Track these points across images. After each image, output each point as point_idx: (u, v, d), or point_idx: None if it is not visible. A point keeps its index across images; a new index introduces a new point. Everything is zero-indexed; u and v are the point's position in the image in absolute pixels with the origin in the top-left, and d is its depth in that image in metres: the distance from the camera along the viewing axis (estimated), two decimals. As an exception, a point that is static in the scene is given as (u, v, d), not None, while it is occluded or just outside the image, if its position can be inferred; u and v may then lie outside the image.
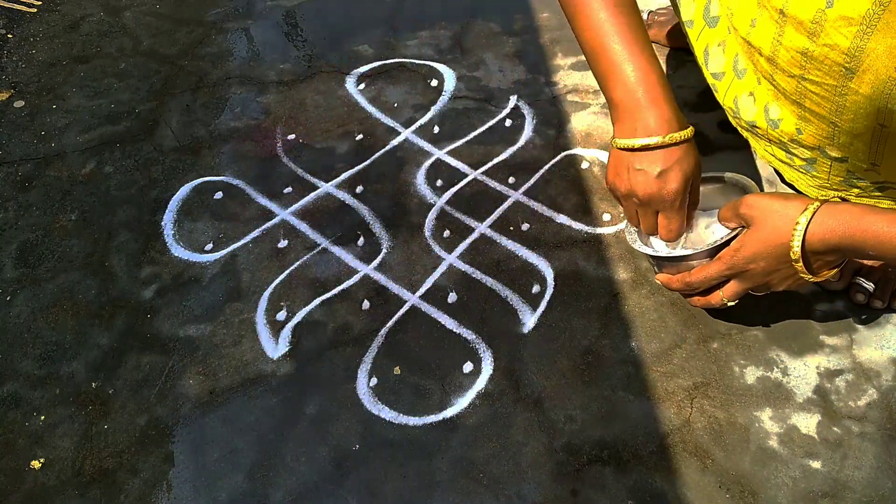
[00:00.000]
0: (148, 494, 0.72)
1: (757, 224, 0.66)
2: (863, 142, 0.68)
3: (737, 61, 0.78)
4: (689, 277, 0.72)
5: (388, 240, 0.94)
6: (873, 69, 0.61)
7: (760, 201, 0.67)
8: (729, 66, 0.80)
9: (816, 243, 0.63)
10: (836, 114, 0.66)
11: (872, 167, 0.71)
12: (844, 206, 0.63)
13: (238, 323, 0.86)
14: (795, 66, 0.66)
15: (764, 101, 0.76)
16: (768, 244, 0.65)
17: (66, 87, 1.20)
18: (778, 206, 0.65)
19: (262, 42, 1.28)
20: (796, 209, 0.64)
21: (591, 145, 1.04)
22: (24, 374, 0.83)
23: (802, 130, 0.72)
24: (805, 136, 0.72)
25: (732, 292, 0.71)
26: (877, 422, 0.73)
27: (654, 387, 0.77)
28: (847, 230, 0.62)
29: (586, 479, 0.71)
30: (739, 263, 0.68)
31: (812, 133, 0.71)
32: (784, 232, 0.64)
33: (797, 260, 0.64)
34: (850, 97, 0.64)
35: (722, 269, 0.69)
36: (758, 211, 0.66)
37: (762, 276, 0.68)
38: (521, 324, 0.83)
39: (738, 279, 0.70)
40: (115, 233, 0.97)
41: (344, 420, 0.76)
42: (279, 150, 1.07)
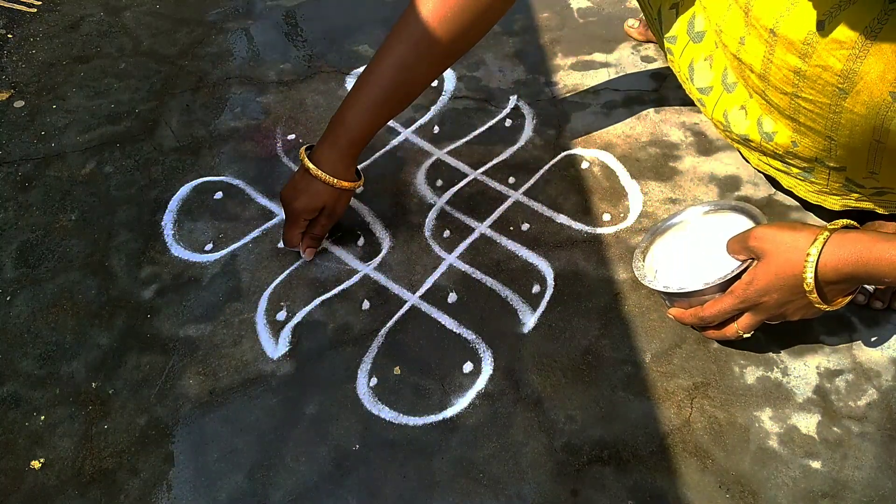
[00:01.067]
0: (148, 494, 0.72)
1: (768, 256, 0.66)
2: (860, 155, 0.68)
3: (726, 75, 0.78)
4: (702, 312, 0.72)
5: (388, 240, 0.94)
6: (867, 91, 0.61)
7: (769, 233, 0.66)
8: (717, 81, 0.79)
9: (829, 273, 0.63)
10: (832, 130, 0.66)
11: (871, 175, 0.71)
12: (854, 234, 0.63)
13: (238, 323, 0.86)
14: (788, 84, 0.66)
15: (757, 115, 0.75)
16: (780, 276, 0.65)
17: (66, 87, 1.20)
18: (787, 238, 0.65)
19: (262, 42, 1.28)
20: (806, 240, 0.63)
21: (592, 145, 1.04)
22: (24, 374, 0.83)
23: (798, 143, 0.72)
24: (801, 148, 0.72)
25: (747, 325, 0.71)
26: (877, 422, 0.73)
27: (654, 387, 0.77)
28: (860, 259, 0.61)
29: (586, 479, 0.71)
30: (752, 297, 0.67)
31: (808, 146, 0.71)
32: (796, 263, 0.63)
33: (811, 291, 0.64)
34: (844, 115, 0.64)
35: (735, 302, 0.69)
36: (767, 243, 0.66)
37: (776, 307, 0.68)
38: (521, 324, 0.83)
39: (753, 312, 0.69)
40: (115, 233, 0.97)
41: (344, 420, 0.76)
42: (279, 150, 1.07)
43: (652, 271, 0.79)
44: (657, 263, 0.79)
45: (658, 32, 0.88)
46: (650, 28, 0.90)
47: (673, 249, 0.80)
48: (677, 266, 0.78)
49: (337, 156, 0.83)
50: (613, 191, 0.97)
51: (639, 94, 1.11)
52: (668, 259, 0.79)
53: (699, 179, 0.97)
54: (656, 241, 0.81)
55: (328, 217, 0.86)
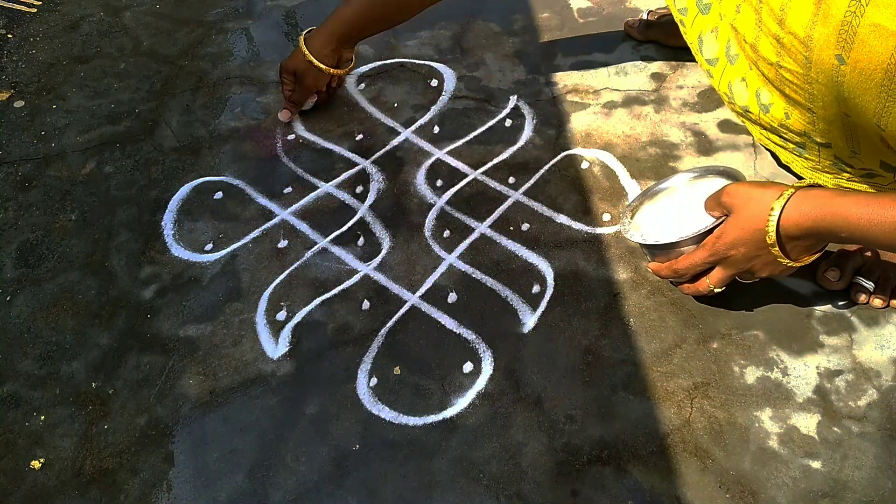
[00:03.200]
0: (148, 494, 0.72)
1: (736, 211, 0.69)
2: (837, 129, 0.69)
3: (729, 47, 0.79)
4: (676, 265, 0.75)
5: (388, 240, 0.94)
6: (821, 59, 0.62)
7: (740, 189, 0.69)
8: (722, 52, 0.81)
9: (791, 228, 0.65)
10: (811, 101, 0.67)
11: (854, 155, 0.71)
12: (818, 190, 0.65)
13: (238, 323, 0.86)
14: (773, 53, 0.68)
15: (756, 86, 0.76)
16: (746, 230, 0.68)
17: (66, 87, 1.20)
18: (756, 194, 0.67)
19: (262, 42, 1.28)
20: (772, 196, 0.66)
21: (591, 145, 1.04)
22: (24, 374, 0.83)
23: (790, 115, 0.73)
24: (792, 120, 0.73)
25: (718, 279, 0.74)
26: (877, 422, 0.73)
27: (654, 387, 0.77)
28: (819, 213, 0.63)
29: (586, 479, 0.71)
30: (721, 250, 0.70)
31: (797, 119, 0.72)
32: (760, 218, 0.66)
33: (773, 245, 0.66)
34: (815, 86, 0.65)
35: (705, 255, 0.72)
36: (737, 199, 0.69)
37: (744, 262, 0.70)
38: (521, 324, 0.83)
39: (722, 266, 0.72)
40: (115, 233, 0.97)
41: (344, 420, 0.76)
42: (279, 150, 1.07)
43: (638, 229, 0.81)
44: (643, 222, 0.82)
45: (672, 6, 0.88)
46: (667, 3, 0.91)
47: (660, 210, 0.83)
48: (662, 225, 0.80)
49: (321, 38, 1.01)
50: (613, 191, 0.97)
51: (639, 94, 1.11)
52: (654, 219, 0.82)
53: (699, 179, 0.97)
54: (645, 203, 0.84)
55: (298, 84, 1.05)
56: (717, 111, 1.07)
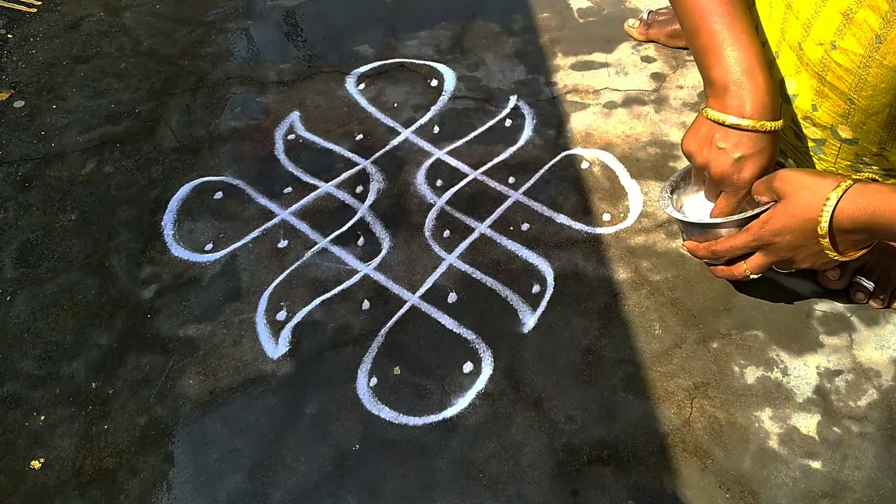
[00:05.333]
0: (148, 494, 0.72)
1: (788, 198, 0.66)
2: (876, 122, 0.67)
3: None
4: (715, 246, 0.73)
5: (388, 240, 0.94)
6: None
7: (794, 175, 0.66)
8: None
9: (845, 221, 0.63)
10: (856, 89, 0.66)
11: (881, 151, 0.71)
12: (876, 185, 0.63)
13: (238, 323, 0.86)
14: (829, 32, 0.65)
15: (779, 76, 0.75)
16: (797, 218, 0.66)
17: (66, 87, 1.20)
18: (810, 182, 0.65)
19: (262, 42, 1.28)
20: (828, 186, 0.64)
21: (591, 145, 1.04)
22: (24, 374, 0.83)
23: (818, 107, 0.71)
24: (820, 112, 0.72)
25: (756, 265, 0.71)
26: (877, 422, 0.73)
27: (654, 387, 0.77)
28: (876, 209, 0.61)
29: (586, 479, 0.71)
30: (766, 236, 0.68)
31: (827, 110, 0.71)
32: (814, 207, 0.64)
33: (824, 236, 0.64)
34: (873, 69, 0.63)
35: (748, 240, 0.70)
36: (790, 185, 0.66)
37: (788, 250, 0.68)
38: (521, 324, 0.83)
39: (764, 252, 0.70)
40: (115, 233, 0.97)
41: (344, 420, 0.76)
42: (279, 150, 1.07)
43: (677, 205, 0.79)
44: (684, 198, 0.80)
45: None
46: None
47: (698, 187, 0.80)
48: (703, 203, 0.78)
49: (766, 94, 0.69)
50: (613, 191, 0.97)
51: (639, 94, 1.11)
52: (694, 196, 0.80)
53: (699, 179, 0.97)
54: (687, 179, 0.81)
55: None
56: (717, 111, 1.07)
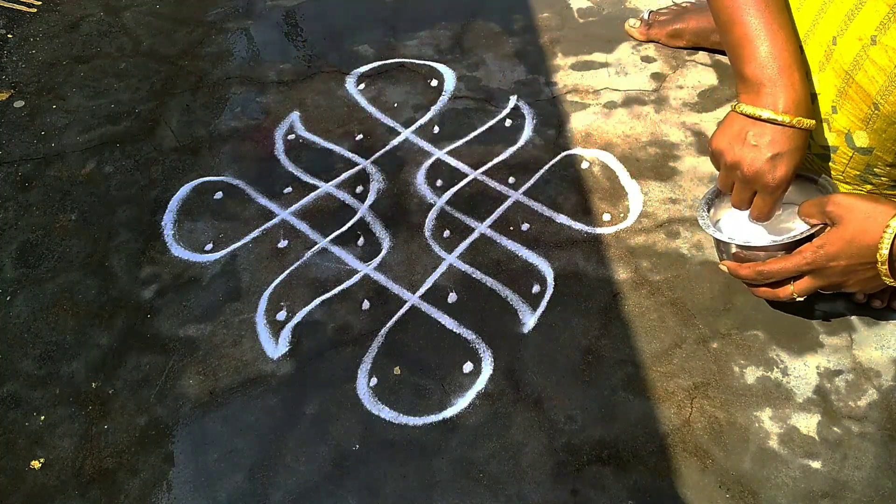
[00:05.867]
0: (148, 494, 0.72)
1: (844, 223, 0.66)
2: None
3: None
4: (763, 267, 0.71)
5: (388, 240, 0.94)
6: None
7: (849, 200, 0.66)
8: None
9: None
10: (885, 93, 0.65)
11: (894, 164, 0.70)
12: None
13: (238, 323, 0.86)
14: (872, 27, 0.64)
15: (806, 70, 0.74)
16: (854, 244, 0.65)
17: (66, 87, 1.20)
18: (866, 208, 0.65)
19: (262, 42, 1.28)
20: (886, 213, 0.63)
21: (591, 145, 1.04)
22: (24, 374, 0.83)
23: (838, 108, 0.71)
24: (839, 115, 0.71)
25: (805, 288, 0.70)
26: (877, 422, 0.73)
27: (654, 387, 0.77)
28: None
29: (586, 479, 0.71)
30: (820, 260, 0.67)
31: (847, 113, 0.70)
32: (873, 234, 0.64)
33: (884, 263, 0.64)
34: None
35: (801, 263, 0.69)
36: (845, 210, 0.66)
37: (840, 275, 0.68)
38: (521, 324, 0.83)
39: (815, 275, 0.69)
40: (115, 233, 0.97)
41: (344, 420, 0.76)
42: (279, 150, 1.07)
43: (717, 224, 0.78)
44: (723, 217, 0.79)
45: None
46: None
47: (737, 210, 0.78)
48: (740, 219, 0.77)
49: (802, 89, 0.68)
50: (613, 191, 0.97)
51: (639, 94, 1.11)
52: (733, 214, 0.78)
53: (699, 179, 0.97)
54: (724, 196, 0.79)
55: None
56: (718, 111, 1.07)
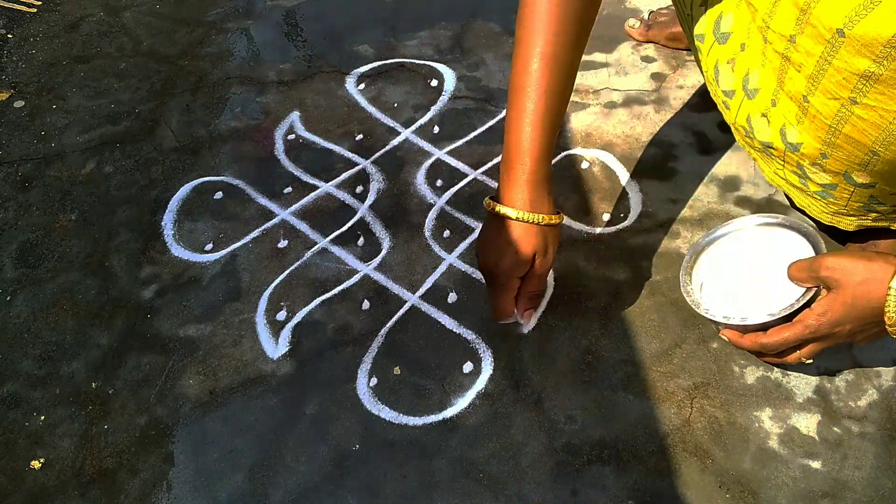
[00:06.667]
0: (148, 494, 0.72)
1: (842, 288, 0.64)
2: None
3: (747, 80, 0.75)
4: (766, 339, 0.69)
5: (388, 240, 0.94)
6: None
7: (842, 263, 0.64)
8: (738, 86, 0.77)
9: None
10: (883, 144, 0.64)
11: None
12: None
13: (238, 323, 0.86)
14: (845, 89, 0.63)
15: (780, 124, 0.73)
16: (857, 308, 0.63)
17: (66, 87, 1.20)
18: (863, 269, 0.63)
19: (262, 42, 1.28)
20: (884, 271, 0.62)
21: (591, 145, 1.04)
22: (24, 374, 0.83)
23: (828, 155, 0.69)
24: (830, 160, 0.69)
25: (812, 352, 0.69)
26: (877, 422, 0.73)
27: (654, 387, 0.77)
28: None
29: (586, 479, 0.71)
30: (824, 328, 0.65)
31: (841, 158, 0.68)
32: (875, 297, 0.62)
33: (893, 325, 0.62)
34: None
35: (804, 333, 0.66)
36: (841, 274, 0.64)
37: (847, 336, 0.66)
38: (521, 324, 0.83)
39: (820, 340, 0.67)
40: (115, 233, 0.97)
41: (344, 420, 0.76)
42: (279, 151, 1.07)
43: (698, 289, 0.75)
44: (709, 289, 0.75)
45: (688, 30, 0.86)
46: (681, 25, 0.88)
47: (720, 266, 0.76)
48: (726, 285, 0.74)
49: (529, 188, 0.70)
50: (613, 191, 0.97)
51: (639, 94, 1.11)
52: (714, 277, 0.75)
53: (699, 179, 0.97)
54: (700, 258, 0.77)
55: (542, 266, 0.73)
56: (717, 111, 1.07)
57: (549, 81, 0.69)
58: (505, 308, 0.74)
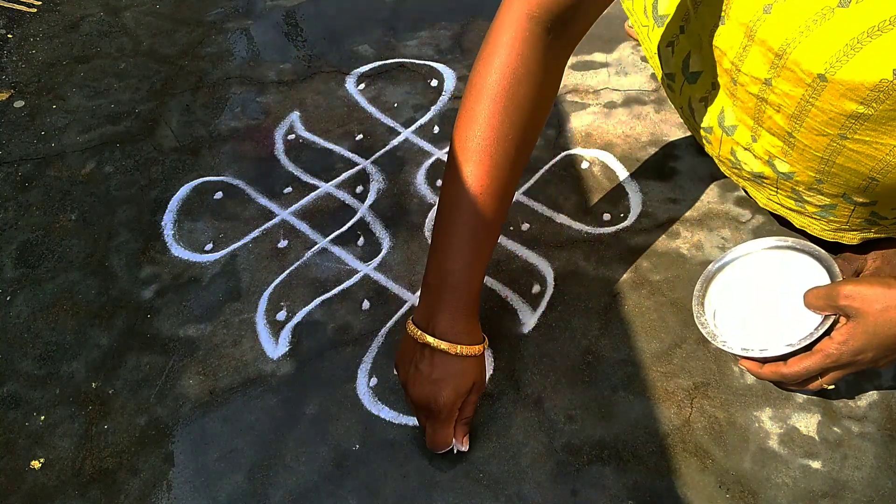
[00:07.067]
0: (148, 494, 0.72)
1: (863, 316, 0.63)
2: None
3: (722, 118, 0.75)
4: (787, 370, 0.67)
5: (388, 240, 0.94)
6: None
7: (861, 290, 0.63)
8: (714, 122, 0.77)
9: None
10: (881, 172, 0.63)
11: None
12: None
13: (238, 323, 0.86)
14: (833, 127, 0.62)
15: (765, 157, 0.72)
16: (879, 336, 0.62)
17: (66, 87, 1.20)
18: (883, 296, 0.62)
19: (262, 42, 1.28)
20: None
21: (591, 145, 1.04)
22: (24, 374, 0.83)
23: (824, 180, 0.68)
24: (827, 185, 0.69)
25: (835, 378, 0.67)
26: (877, 422, 0.73)
27: (654, 387, 0.77)
28: None
29: (586, 479, 0.71)
30: (846, 357, 0.64)
31: (838, 183, 0.68)
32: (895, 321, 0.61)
33: None
34: None
35: (825, 362, 0.65)
36: (860, 302, 0.63)
37: (869, 363, 0.65)
38: (521, 324, 0.83)
39: (842, 369, 0.66)
40: (115, 233, 0.97)
41: (344, 420, 0.76)
42: (278, 151, 1.07)
43: (711, 317, 0.74)
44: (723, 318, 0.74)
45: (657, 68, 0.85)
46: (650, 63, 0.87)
47: (731, 294, 0.75)
48: (739, 313, 0.73)
49: (464, 320, 0.68)
50: (613, 191, 0.97)
51: (639, 94, 1.11)
52: (726, 304, 0.74)
53: (699, 179, 0.97)
54: (711, 287, 0.76)
55: (476, 392, 0.71)
56: (717, 111, 1.07)
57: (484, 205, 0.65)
58: (446, 439, 0.70)
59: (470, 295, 0.68)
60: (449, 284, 0.67)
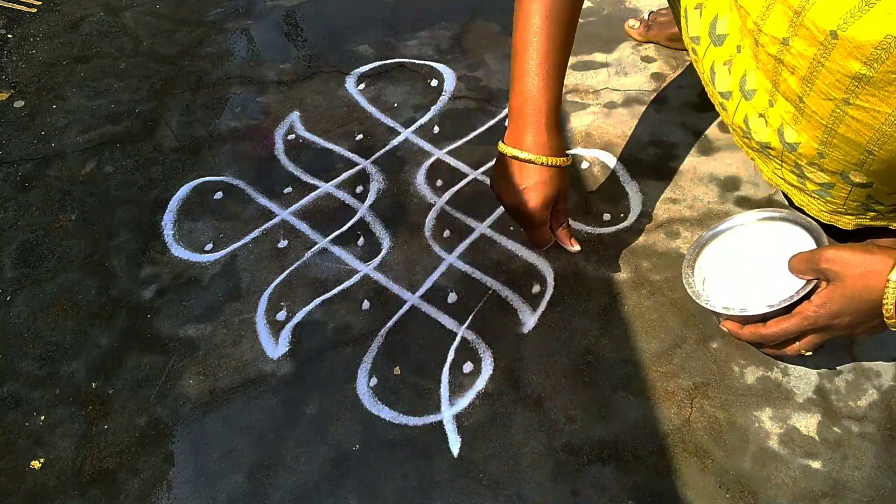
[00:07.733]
0: (148, 494, 0.72)
1: (841, 280, 0.64)
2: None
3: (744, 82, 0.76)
4: (765, 331, 0.69)
5: (388, 240, 0.94)
6: None
7: (842, 255, 0.64)
8: (736, 86, 0.78)
9: None
10: (878, 143, 0.64)
11: None
12: None
13: (238, 323, 0.86)
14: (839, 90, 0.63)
15: (777, 124, 0.73)
16: (856, 301, 0.64)
17: (66, 87, 1.20)
18: (863, 261, 0.63)
19: (262, 42, 1.28)
20: (883, 264, 0.62)
21: (592, 145, 1.04)
22: (24, 374, 0.83)
23: (825, 154, 0.70)
24: (827, 160, 0.70)
25: (812, 344, 0.69)
26: (877, 422, 0.73)
27: (654, 387, 0.77)
28: None
29: (586, 479, 0.71)
30: (823, 319, 0.66)
31: (838, 158, 0.69)
32: (874, 289, 0.62)
33: (890, 317, 0.62)
34: None
35: (803, 324, 0.67)
36: (840, 266, 0.64)
37: (845, 329, 0.67)
38: (521, 324, 0.83)
39: (819, 332, 0.68)
40: (115, 233, 0.97)
41: (344, 420, 0.76)
42: (278, 151, 1.07)
43: (700, 283, 0.76)
44: (711, 281, 0.76)
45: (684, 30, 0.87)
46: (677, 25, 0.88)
47: (723, 260, 0.77)
48: (729, 279, 0.75)
49: (547, 133, 0.76)
50: (613, 191, 0.97)
51: (639, 94, 1.11)
52: (721, 277, 0.76)
53: (699, 179, 0.97)
54: (703, 253, 0.78)
55: (563, 201, 0.80)
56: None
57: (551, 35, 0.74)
58: (544, 238, 0.80)
59: (550, 112, 0.75)
60: (530, 104, 0.75)
